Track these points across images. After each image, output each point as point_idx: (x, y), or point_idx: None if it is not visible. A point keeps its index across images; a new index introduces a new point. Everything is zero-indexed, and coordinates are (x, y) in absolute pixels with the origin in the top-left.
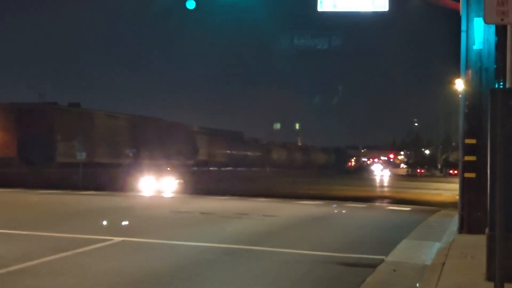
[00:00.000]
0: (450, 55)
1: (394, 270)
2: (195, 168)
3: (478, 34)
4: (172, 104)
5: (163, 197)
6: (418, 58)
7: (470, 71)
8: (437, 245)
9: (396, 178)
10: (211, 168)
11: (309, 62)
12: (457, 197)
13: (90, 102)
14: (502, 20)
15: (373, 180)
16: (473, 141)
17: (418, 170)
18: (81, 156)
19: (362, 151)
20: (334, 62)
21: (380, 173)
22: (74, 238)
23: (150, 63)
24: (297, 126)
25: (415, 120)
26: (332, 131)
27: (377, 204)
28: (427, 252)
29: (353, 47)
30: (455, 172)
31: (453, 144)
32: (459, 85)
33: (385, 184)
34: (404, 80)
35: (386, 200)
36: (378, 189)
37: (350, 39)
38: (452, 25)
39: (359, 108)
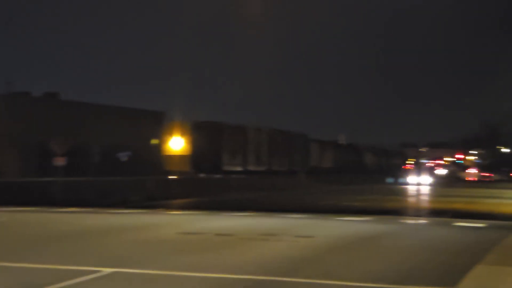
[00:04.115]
0: None
1: None
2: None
3: None
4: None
5: (165, 214)
6: (491, 35)
7: None
8: None
9: (466, 184)
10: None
11: None
12: None
13: (69, 92)
14: None
15: (435, 187)
16: None
17: (486, 174)
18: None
19: (422, 150)
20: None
21: (430, 180)
22: (53, 270)
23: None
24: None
25: None
26: (384, 125)
27: (441, 219)
28: (509, 281)
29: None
30: None
31: None
32: None
33: (451, 192)
34: (476, 61)
35: (453, 214)
36: (442, 200)
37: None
38: None
39: (417, 95)
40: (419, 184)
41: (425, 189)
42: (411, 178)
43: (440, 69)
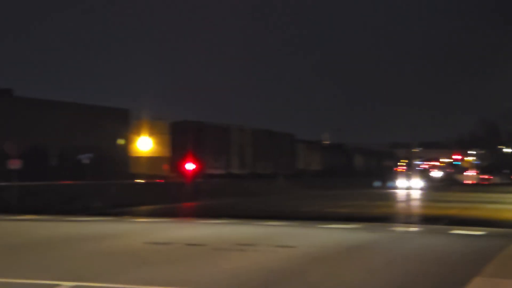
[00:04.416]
0: None
1: None
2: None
3: None
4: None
5: (134, 222)
6: (492, 27)
7: None
8: None
9: (463, 188)
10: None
11: None
12: None
13: (24, 88)
14: None
15: (429, 191)
16: None
17: (486, 177)
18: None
19: (415, 150)
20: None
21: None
22: (8, 285)
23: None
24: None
25: None
26: (373, 123)
27: (435, 226)
28: None
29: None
30: None
31: None
32: None
33: (447, 197)
34: (474, 54)
35: (448, 221)
36: (437, 205)
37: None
38: None
39: (410, 92)
40: (409, 188)
41: (418, 194)
42: (402, 182)
43: (434, 67)
